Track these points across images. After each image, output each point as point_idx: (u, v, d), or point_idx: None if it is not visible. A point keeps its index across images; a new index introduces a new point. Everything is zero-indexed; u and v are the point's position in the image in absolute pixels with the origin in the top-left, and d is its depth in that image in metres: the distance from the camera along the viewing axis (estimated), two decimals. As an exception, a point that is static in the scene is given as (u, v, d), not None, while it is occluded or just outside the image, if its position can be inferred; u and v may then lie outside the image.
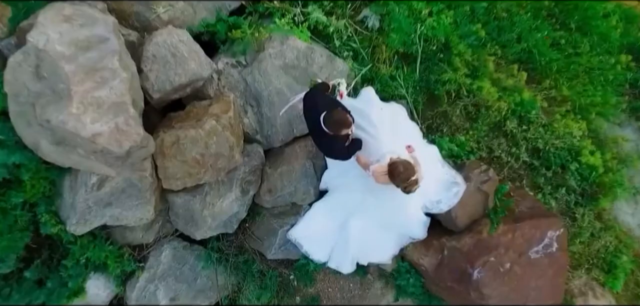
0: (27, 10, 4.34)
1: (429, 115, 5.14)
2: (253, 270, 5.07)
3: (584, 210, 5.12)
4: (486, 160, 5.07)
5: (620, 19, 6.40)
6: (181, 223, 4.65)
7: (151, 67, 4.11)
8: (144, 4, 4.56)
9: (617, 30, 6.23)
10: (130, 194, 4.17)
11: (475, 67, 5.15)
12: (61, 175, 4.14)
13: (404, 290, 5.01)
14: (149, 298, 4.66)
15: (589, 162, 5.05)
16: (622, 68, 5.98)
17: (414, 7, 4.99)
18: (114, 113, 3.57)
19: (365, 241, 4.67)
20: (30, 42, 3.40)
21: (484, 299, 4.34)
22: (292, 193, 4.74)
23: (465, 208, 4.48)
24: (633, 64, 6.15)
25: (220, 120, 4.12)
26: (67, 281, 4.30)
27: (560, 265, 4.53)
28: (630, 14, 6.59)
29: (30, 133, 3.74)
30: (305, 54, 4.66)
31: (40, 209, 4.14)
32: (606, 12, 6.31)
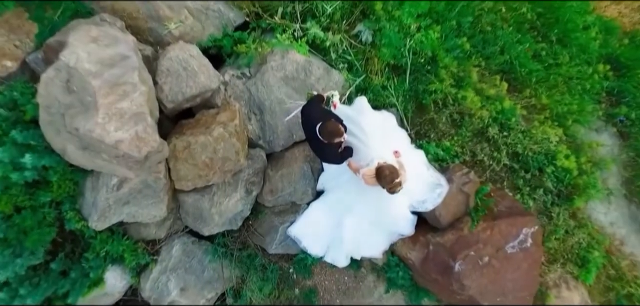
0: (52, 27, 4.87)
1: (418, 122, 5.64)
2: (256, 264, 5.58)
3: (560, 209, 5.61)
4: (470, 164, 5.58)
5: (600, 31, 6.87)
6: (191, 220, 5.16)
7: (165, 79, 4.61)
8: (157, 21, 5.07)
9: (596, 42, 6.71)
10: (146, 194, 4.67)
11: (460, 77, 5.65)
12: (84, 177, 4.65)
13: (394, 282, 5.51)
14: (161, 288, 5.17)
15: (564, 165, 5.54)
16: (600, 77, 6.46)
17: (403, 23, 5.47)
18: (134, 122, 4.07)
19: (358, 237, 5.16)
20: (62, 60, 3.90)
21: (464, 289, 4.84)
22: (292, 193, 5.25)
23: (448, 208, 4.98)
24: (611, 73, 6.64)
25: (227, 127, 4.63)
26: (88, 272, 4.80)
27: (534, 259, 5.03)
28: (610, 26, 7.07)
29: (59, 139, 4.23)
30: (304, 66, 5.16)
31: (65, 207, 4.65)
32: (586, 25, 6.77)
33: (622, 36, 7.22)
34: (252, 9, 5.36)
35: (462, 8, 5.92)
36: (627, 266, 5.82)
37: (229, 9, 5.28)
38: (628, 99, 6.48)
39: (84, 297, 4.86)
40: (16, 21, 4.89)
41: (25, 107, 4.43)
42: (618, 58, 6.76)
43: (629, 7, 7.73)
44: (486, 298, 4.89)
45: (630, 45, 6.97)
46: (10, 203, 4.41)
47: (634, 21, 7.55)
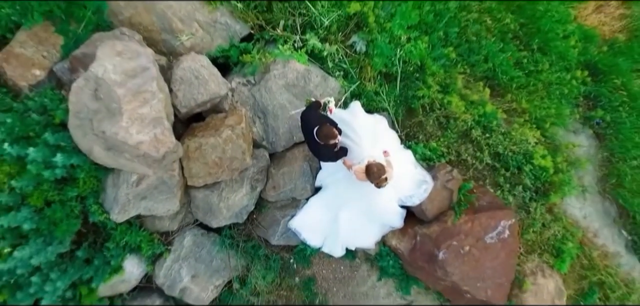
0: (76, 39, 5.45)
1: (407, 124, 6.22)
2: (259, 254, 6.15)
3: (537, 204, 6.19)
4: (455, 163, 6.16)
5: (580, 39, 7.42)
6: (201, 214, 5.73)
7: (179, 87, 5.19)
8: (170, 33, 5.65)
9: (575, 49, 7.25)
10: (162, 190, 5.25)
11: (446, 84, 6.22)
12: (106, 174, 5.22)
13: (386, 271, 6.09)
14: (174, 275, 5.74)
15: (540, 164, 6.11)
16: (578, 82, 7.01)
17: (394, 34, 6.02)
18: (153, 125, 4.65)
19: (352, 229, 5.73)
20: (91, 71, 4.48)
21: (447, 276, 5.42)
22: (293, 189, 5.82)
23: (434, 202, 5.56)
24: (589, 78, 7.20)
25: (234, 129, 5.21)
26: (109, 260, 5.38)
27: (511, 249, 5.60)
28: (590, 34, 7.60)
29: (86, 141, 4.80)
30: (304, 74, 5.73)
31: (90, 201, 5.22)
32: (566, 34, 7.31)
33: (602, 43, 7.76)
34: (256, 21, 5.93)
35: (449, 19, 6.49)
36: (599, 256, 6.41)
37: (235, 22, 5.85)
38: (603, 103, 7.06)
39: (105, 283, 5.43)
40: (43, 34, 5.46)
41: (54, 111, 5.01)
42: (596, 64, 7.31)
43: (609, 15, 8.30)
44: (467, 283, 5.46)
45: (608, 53, 7.53)
46: (42, 198, 4.98)
47: (614, 29, 8.11)
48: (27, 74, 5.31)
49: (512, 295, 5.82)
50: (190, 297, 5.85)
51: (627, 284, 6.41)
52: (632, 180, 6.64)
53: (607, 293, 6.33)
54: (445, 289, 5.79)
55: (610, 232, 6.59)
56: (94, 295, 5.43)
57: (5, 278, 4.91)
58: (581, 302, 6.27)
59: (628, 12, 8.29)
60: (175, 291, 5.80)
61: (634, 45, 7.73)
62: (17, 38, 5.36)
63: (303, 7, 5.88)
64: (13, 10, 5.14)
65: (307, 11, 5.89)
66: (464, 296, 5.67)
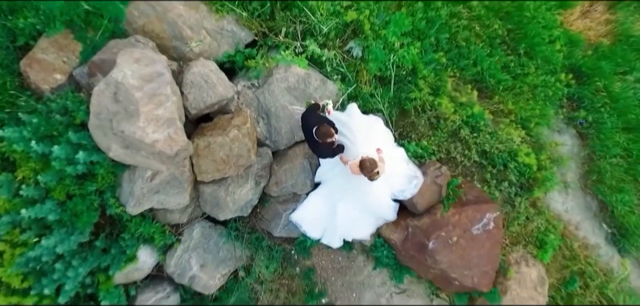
0: (93, 46, 5.93)
1: (401, 124, 6.71)
2: (263, 245, 6.64)
3: (521, 199, 6.68)
4: (445, 160, 6.65)
5: (565, 44, 7.91)
6: (208, 207, 6.22)
7: (190, 90, 5.69)
8: (180, 40, 6.14)
9: (560, 54, 7.75)
10: (173, 185, 5.74)
11: (437, 87, 6.71)
12: (123, 170, 5.71)
13: (380, 261, 6.58)
14: (184, 264, 6.23)
15: (524, 161, 6.61)
16: (562, 85, 7.50)
17: (388, 40, 6.52)
18: (167, 126, 5.14)
19: (349, 222, 6.22)
20: (111, 76, 4.97)
21: (437, 264, 5.91)
22: (294, 185, 6.31)
23: (424, 196, 6.06)
24: (573, 81, 7.70)
25: (240, 129, 5.70)
26: (125, 249, 5.86)
27: (496, 239, 6.10)
28: (575, 39, 8.08)
29: (105, 140, 5.29)
30: (304, 78, 6.22)
31: (107, 195, 5.71)
32: (552, 39, 7.80)
33: (587, 48, 8.25)
34: (260, 29, 6.41)
35: (440, 26, 6.98)
36: (579, 247, 6.90)
37: (240, 29, 6.34)
38: (586, 104, 7.54)
39: (121, 271, 5.91)
40: (63, 41, 5.93)
41: (75, 113, 5.50)
42: (580, 67, 7.78)
43: (595, 21, 8.78)
44: (455, 271, 5.96)
45: (592, 56, 8.01)
46: (64, 192, 5.48)
47: (599, 34, 8.59)
48: (48, 78, 5.78)
49: (497, 282, 6.32)
50: (198, 285, 6.34)
51: (605, 273, 6.91)
52: (611, 177, 7.13)
53: (587, 281, 6.82)
54: (435, 277, 6.28)
55: (591, 225, 7.09)
56: (110, 282, 5.92)
57: (32, 265, 5.40)
58: (563, 290, 6.76)
59: (613, 18, 8.78)
60: (185, 279, 6.29)
61: (617, 49, 8.22)
62: (39, 45, 5.82)
63: (303, 15, 6.37)
64: (37, 19, 5.62)
65: (307, 19, 6.38)
66: (453, 284, 6.17)
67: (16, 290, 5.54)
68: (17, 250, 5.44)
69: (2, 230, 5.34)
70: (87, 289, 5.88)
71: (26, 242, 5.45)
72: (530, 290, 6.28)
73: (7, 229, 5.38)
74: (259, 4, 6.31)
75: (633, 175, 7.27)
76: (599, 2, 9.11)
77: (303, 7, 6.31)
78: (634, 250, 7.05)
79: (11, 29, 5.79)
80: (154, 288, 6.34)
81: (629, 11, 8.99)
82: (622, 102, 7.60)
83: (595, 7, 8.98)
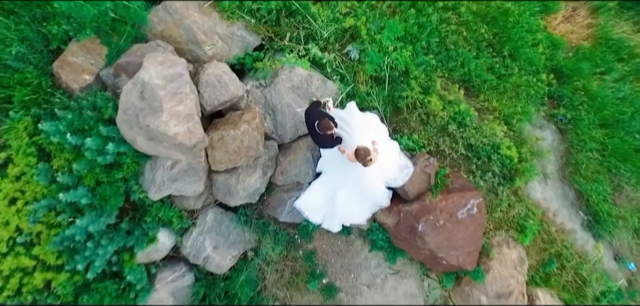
0: (118, 50, 6.70)
1: (394, 120, 7.47)
2: (269, 230, 7.40)
3: (504, 188, 7.44)
4: (434, 153, 7.41)
5: (547, 47, 8.67)
6: (221, 194, 6.99)
7: (205, 89, 6.45)
8: (195, 44, 6.90)
9: (543, 56, 8.52)
10: (190, 173, 6.50)
11: (427, 86, 7.46)
12: (145, 160, 6.48)
13: (376, 244, 7.34)
14: (198, 246, 6.98)
15: (506, 154, 7.36)
16: (543, 85, 8.26)
17: (383, 44, 7.29)
18: (186, 120, 5.90)
19: (347, 208, 6.95)
20: (139, 77, 5.74)
21: (426, 244, 6.68)
22: (297, 174, 7.07)
23: (414, 184, 6.82)
24: (555, 81, 8.46)
25: (250, 124, 6.46)
26: (147, 231, 6.62)
27: (479, 223, 6.86)
28: (557, 42, 8.84)
29: (131, 133, 6.06)
30: (306, 78, 6.99)
31: (131, 183, 6.47)
32: (535, 42, 8.56)
33: (569, 50, 9.02)
34: (266, 34, 7.17)
35: (430, 31, 7.73)
36: (557, 232, 7.67)
37: (249, 34, 7.10)
38: (566, 102, 8.30)
39: (142, 251, 6.66)
40: (91, 45, 6.68)
41: (104, 109, 6.27)
42: (561, 68, 8.54)
43: (577, 25, 9.55)
44: (442, 251, 6.72)
45: (573, 58, 8.78)
46: (94, 179, 6.24)
47: (581, 37, 9.35)
48: (78, 78, 6.54)
49: (481, 262, 7.08)
50: (211, 265, 7.10)
51: (580, 256, 7.68)
52: (587, 168, 7.90)
53: (563, 263, 7.59)
54: (425, 258, 7.04)
55: (568, 212, 7.86)
56: (133, 261, 6.68)
57: (66, 244, 6.17)
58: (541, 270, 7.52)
59: (595, 22, 9.55)
60: (200, 259, 7.05)
61: (597, 51, 8.99)
62: (69, 49, 6.56)
63: (306, 22, 7.13)
64: (69, 26, 6.39)
65: (309, 25, 7.14)
66: (441, 263, 6.93)
67: (51, 266, 6.32)
68: (53, 231, 6.23)
69: (40, 212, 6.11)
70: (113, 267, 6.64)
71: (60, 223, 6.24)
72: (511, 269, 7.04)
73: (44, 212, 6.16)
74: (266, 11, 7.08)
75: (607, 167, 8.05)
76: (582, 8, 9.90)
77: (306, 14, 7.08)
78: (607, 235, 7.83)
79: (45, 34, 6.56)
80: (171, 268, 7.10)
81: (610, 15, 9.77)
82: (599, 100, 8.36)
83: (578, 12, 9.76)
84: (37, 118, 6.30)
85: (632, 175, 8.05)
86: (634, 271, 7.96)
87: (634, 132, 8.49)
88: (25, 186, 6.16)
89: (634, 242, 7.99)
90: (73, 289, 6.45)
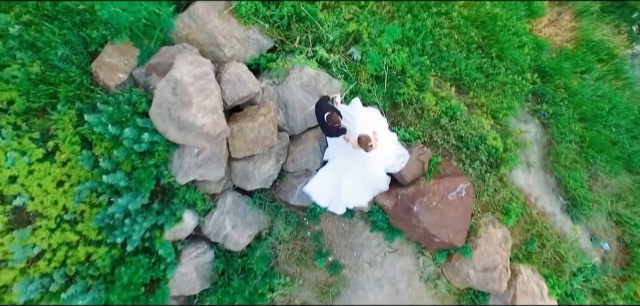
0: (149, 52, 7.74)
1: (392, 114, 8.53)
2: (281, 212, 8.44)
3: (490, 175, 8.49)
4: (428, 143, 8.46)
5: (532, 48, 9.75)
6: (238, 179, 8.03)
7: (226, 86, 7.50)
8: (216, 46, 7.95)
9: (528, 57, 9.59)
10: (213, 160, 7.54)
11: (421, 84, 8.52)
12: (174, 149, 7.52)
13: (376, 225, 8.38)
14: (219, 225, 8.02)
15: (492, 144, 8.42)
16: (528, 83, 9.32)
17: (382, 46, 8.35)
18: (212, 113, 6.95)
19: (351, 192, 8.01)
20: (171, 75, 6.78)
21: (420, 223, 7.73)
22: (306, 162, 8.11)
23: (410, 171, 7.87)
24: (539, 80, 9.53)
25: (266, 117, 7.51)
26: (174, 212, 7.65)
27: (467, 204, 7.91)
28: (541, 44, 9.92)
29: (163, 124, 7.09)
30: (315, 77, 8.04)
31: (161, 168, 7.50)
32: (521, 44, 9.64)
33: (553, 51, 10.10)
34: (279, 37, 8.22)
35: (425, 34, 8.80)
36: (538, 214, 8.72)
37: (263, 38, 8.15)
38: (548, 98, 9.37)
39: (170, 229, 7.69)
40: (124, 47, 7.69)
41: (138, 104, 7.31)
42: (545, 68, 9.63)
43: (562, 28, 10.62)
44: (435, 229, 7.76)
45: (556, 59, 9.86)
46: (130, 164, 7.27)
47: (564, 39, 10.43)
48: (113, 76, 7.58)
49: (469, 240, 8.13)
50: (230, 242, 8.14)
51: (559, 236, 8.73)
52: (566, 158, 8.96)
53: (544, 242, 8.64)
54: (420, 236, 8.09)
55: (549, 197, 8.92)
56: (162, 238, 7.72)
57: (106, 221, 7.23)
58: (523, 248, 8.57)
59: (578, 25, 10.63)
60: (220, 237, 8.09)
61: (579, 52, 10.08)
62: (105, 50, 7.59)
63: (314, 26, 8.18)
64: (107, 31, 7.43)
65: (317, 30, 8.19)
66: (434, 241, 7.98)
67: (92, 241, 7.36)
68: (94, 210, 7.28)
69: (84, 193, 7.17)
70: (145, 243, 7.68)
71: (101, 203, 7.29)
72: (496, 246, 8.08)
73: (88, 193, 7.21)
74: (279, 17, 8.13)
75: (585, 158, 9.11)
76: (567, 12, 10.97)
77: (314, 20, 8.13)
78: (583, 217, 8.89)
79: (84, 38, 7.60)
80: (194, 245, 8.15)
81: (592, 19, 10.87)
82: (578, 97, 9.44)
83: (563, 16, 10.83)
84: (80, 111, 7.34)
85: (607, 164, 9.13)
86: (607, 250, 9.03)
87: (610, 126, 9.59)
88: (70, 170, 7.20)
89: (608, 224, 9.06)
90: (111, 261, 7.50)
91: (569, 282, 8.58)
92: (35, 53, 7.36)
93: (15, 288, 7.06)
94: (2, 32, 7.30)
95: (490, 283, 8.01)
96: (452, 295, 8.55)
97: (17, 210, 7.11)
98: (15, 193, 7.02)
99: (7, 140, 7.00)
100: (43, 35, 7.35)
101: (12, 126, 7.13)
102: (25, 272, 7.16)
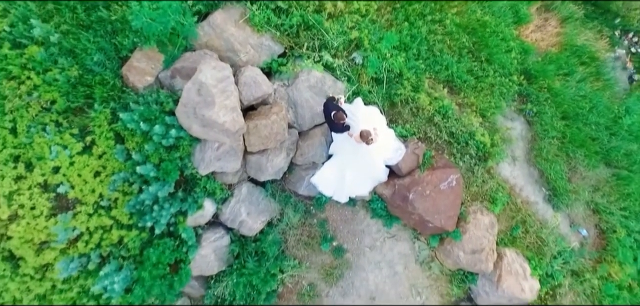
0: (173, 57, 8.88)
1: (391, 113, 9.66)
2: (290, 201, 9.57)
3: (479, 167, 9.63)
4: (422, 139, 9.61)
5: (519, 52, 10.88)
6: (253, 171, 9.16)
7: (243, 88, 8.63)
8: (232, 52, 9.08)
9: (515, 60, 10.73)
10: (231, 154, 8.67)
11: (417, 85, 9.66)
12: (196, 143, 8.65)
13: (376, 212, 9.52)
14: (235, 212, 9.14)
15: (481, 140, 9.56)
16: (515, 84, 10.46)
17: (382, 52, 9.49)
18: (232, 111, 8.07)
19: (354, 183, 9.16)
20: (197, 78, 7.91)
21: (415, 210, 8.86)
22: (313, 156, 9.24)
23: (406, 163, 9.02)
24: (525, 81, 10.68)
25: (278, 115, 8.63)
26: (196, 199, 8.76)
27: (457, 193, 9.06)
28: (528, 48, 11.03)
29: (188, 121, 8.23)
30: (321, 79, 9.17)
31: (185, 161, 8.62)
32: (509, 48, 10.77)
33: (539, 55, 11.24)
34: (288, 44, 9.34)
35: (420, 41, 9.94)
36: (522, 203, 9.87)
37: (274, 44, 9.27)
38: (533, 99, 10.52)
39: (192, 216, 8.81)
40: (151, 53, 8.79)
41: (165, 104, 8.44)
42: (530, 71, 10.76)
43: (548, 33, 11.75)
44: (428, 215, 8.90)
45: (541, 62, 11.00)
46: (157, 157, 8.42)
47: (550, 44, 11.55)
48: (141, 79, 8.69)
49: (459, 225, 9.27)
50: (245, 228, 9.27)
51: (541, 223, 9.88)
52: (548, 152, 10.11)
53: (527, 228, 9.79)
54: (415, 222, 9.23)
55: (532, 188, 10.07)
56: (185, 223, 8.85)
57: (137, 207, 8.37)
58: (509, 234, 9.73)
59: (562, 31, 11.76)
60: (236, 223, 9.22)
61: (562, 56, 11.20)
62: (134, 56, 8.69)
63: (320, 34, 9.31)
64: (137, 38, 8.57)
65: (323, 37, 9.32)
66: (428, 226, 9.12)
67: (124, 225, 8.50)
68: (126, 197, 8.41)
69: (118, 182, 8.31)
70: (170, 228, 8.82)
71: (132, 191, 8.43)
72: (483, 231, 9.23)
73: (121, 182, 8.36)
74: (289, 25, 9.27)
75: (565, 152, 10.26)
76: (552, 18, 12.11)
77: (320, 28, 9.26)
78: (563, 206, 10.04)
79: (116, 44, 8.73)
80: (213, 231, 9.29)
81: (576, 25, 12.00)
82: (560, 97, 10.58)
83: (549, 22, 11.97)
84: (113, 110, 8.48)
85: (586, 158, 10.28)
86: (585, 236, 10.19)
87: (590, 123, 10.73)
88: (106, 162, 8.34)
89: (586, 212, 10.22)
90: (140, 244, 8.64)
91: (549, 264, 9.73)
92: (74, 58, 8.47)
93: (57, 265, 8.20)
94: (44, 40, 8.41)
95: (478, 264, 9.16)
96: (444, 275, 9.70)
97: (59, 197, 8.25)
98: (58, 182, 8.15)
99: (50, 135, 8.13)
100: (80, 42, 8.45)
101: (55, 123, 8.26)
102: (66, 252, 8.30)
